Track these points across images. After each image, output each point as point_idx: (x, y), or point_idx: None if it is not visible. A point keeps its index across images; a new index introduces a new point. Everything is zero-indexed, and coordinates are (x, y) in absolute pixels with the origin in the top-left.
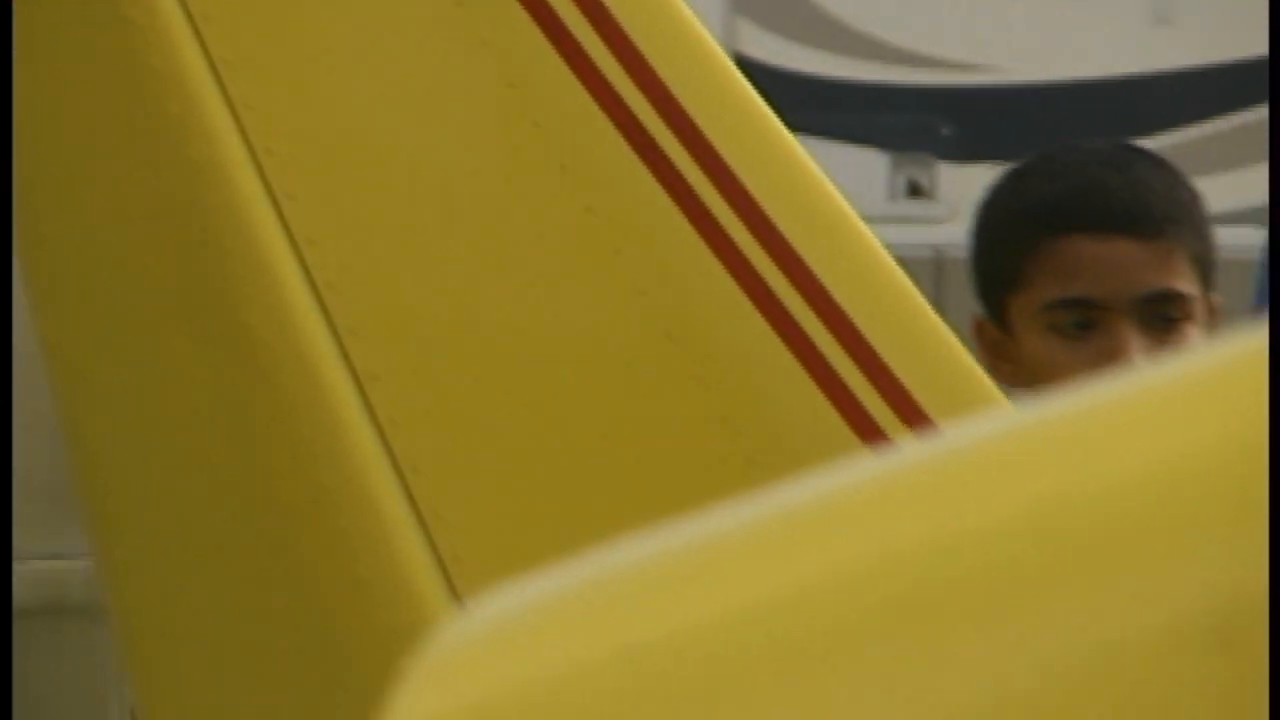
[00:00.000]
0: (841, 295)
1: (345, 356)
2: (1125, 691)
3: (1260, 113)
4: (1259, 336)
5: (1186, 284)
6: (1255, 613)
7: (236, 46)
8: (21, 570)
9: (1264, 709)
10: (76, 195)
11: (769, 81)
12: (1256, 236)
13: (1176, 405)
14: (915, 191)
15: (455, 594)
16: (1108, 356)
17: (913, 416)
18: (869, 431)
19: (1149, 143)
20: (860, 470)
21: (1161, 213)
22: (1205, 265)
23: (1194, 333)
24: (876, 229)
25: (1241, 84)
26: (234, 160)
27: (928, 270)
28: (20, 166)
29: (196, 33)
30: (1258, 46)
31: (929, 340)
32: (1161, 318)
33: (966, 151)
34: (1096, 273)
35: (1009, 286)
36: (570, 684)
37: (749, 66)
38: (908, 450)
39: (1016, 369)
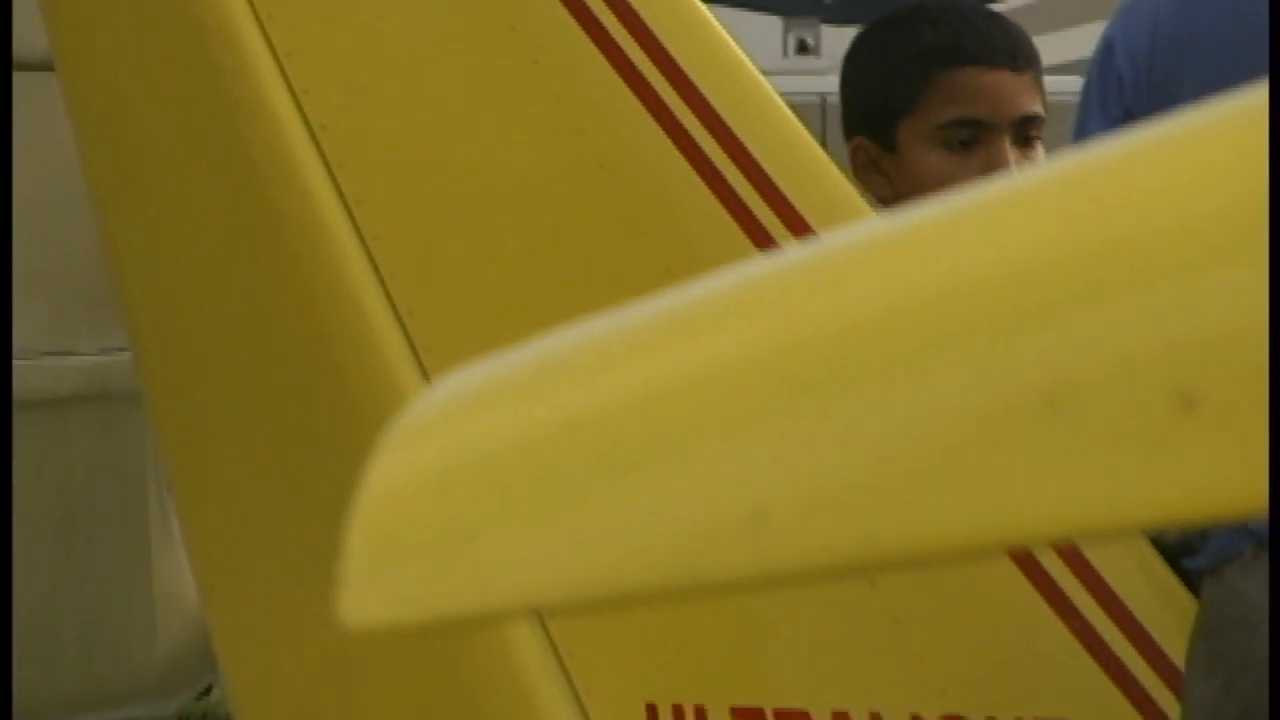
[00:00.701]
0: (741, 130)
1: (336, 184)
2: (973, 452)
3: None
4: (1086, 154)
5: (1042, 109)
6: (1083, 382)
7: None
8: (73, 363)
9: (1091, 467)
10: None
11: None
12: (1077, 84)
13: (1023, 211)
14: (803, 49)
15: (427, 377)
16: (989, 168)
17: (799, 228)
18: (763, 241)
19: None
20: (761, 267)
21: (1028, 51)
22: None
23: (1042, 151)
24: (771, 79)
25: None
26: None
27: (814, 113)
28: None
29: None
30: None
31: (813, 166)
32: (1027, 137)
33: (844, 16)
34: (983, 98)
35: (902, 112)
36: (522, 450)
37: None
38: (797, 251)
39: (890, 182)
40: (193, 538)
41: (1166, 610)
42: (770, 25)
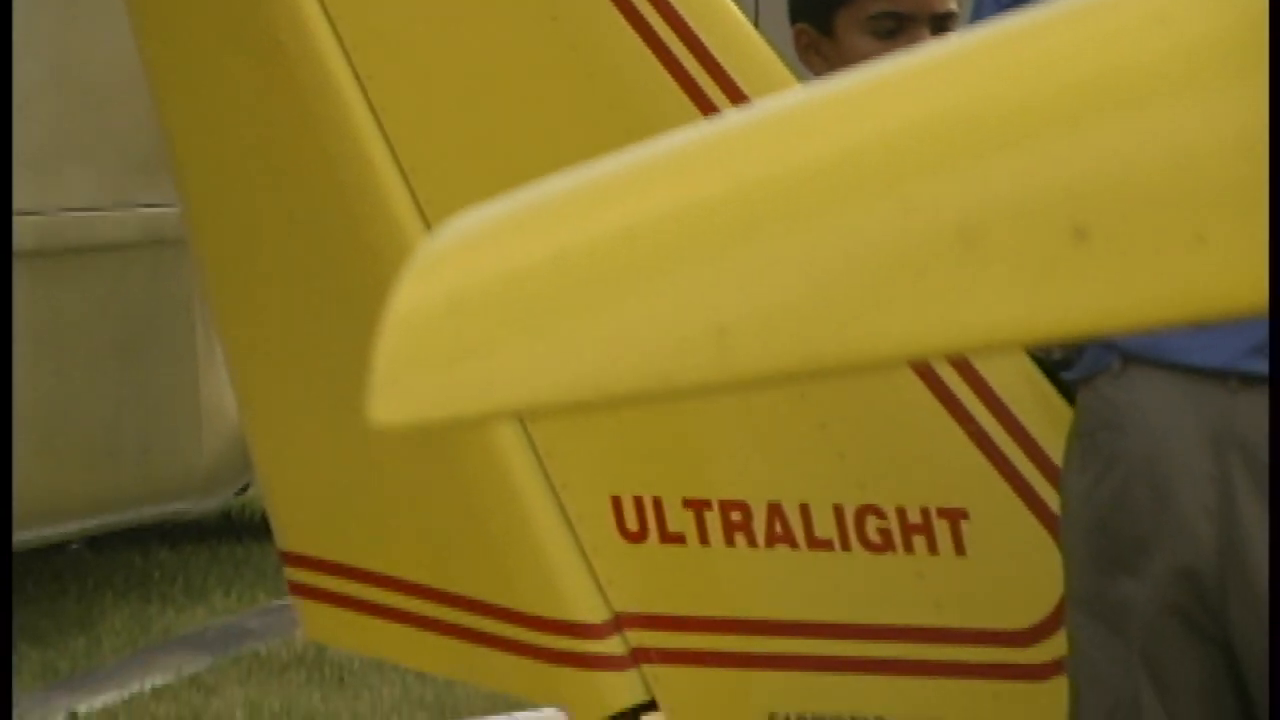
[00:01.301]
0: (691, 17)
1: (351, 64)
2: (899, 278)
3: None
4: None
5: (956, 6)
6: (992, 219)
7: None
8: (129, 214)
9: (1001, 299)
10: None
11: None
12: None
13: (941, 74)
14: None
15: (428, 224)
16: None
17: (737, 98)
18: (707, 108)
19: None
20: (716, 125)
21: None
22: None
23: None
24: None
25: None
26: None
27: (749, 3)
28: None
29: None
30: None
31: (750, 46)
32: (943, 28)
33: None
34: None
35: (840, 3)
36: (519, 277)
37: None
38: (744, 113)
39: (827, 63)
40: (233, 360)
41: (1047, 415)
42: None
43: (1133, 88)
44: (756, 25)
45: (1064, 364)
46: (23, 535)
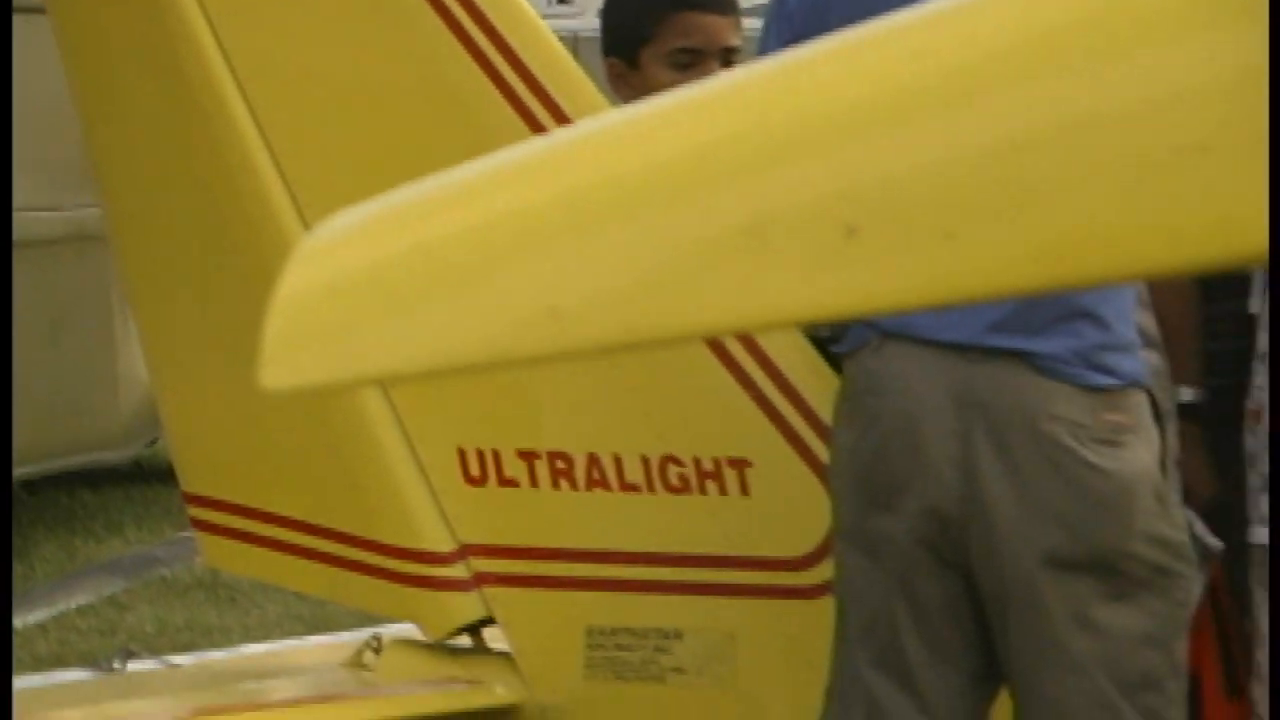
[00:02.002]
0: (524, 55)
1: (243, 91)
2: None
3: None
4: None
5: (739, 42)
6: (777, 217)
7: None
8: (57, 215)
9: (783, 286)
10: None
11: None
12: (758, 24)
13: (738, 99)
14: (563, 1)
15: (306, 224)
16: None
17: (560, 118)
18: (536, 126)
19: None
20: (546, 140)
21: (731, 1)
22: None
23: None
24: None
25: None
26: None
27: (568, 43)
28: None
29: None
30: None
31: (570, 75)
32: (729, 60)
33: None
34: (700, 33)
35: (644, 41)
36: (385, 264)
37: None
38: (570, 131)
39: (633, 91)
40: (144, 335)
41: (818, 382)
42: None
43: (894, 108)
44: (576, 58)
45: (831, 339)
46: None
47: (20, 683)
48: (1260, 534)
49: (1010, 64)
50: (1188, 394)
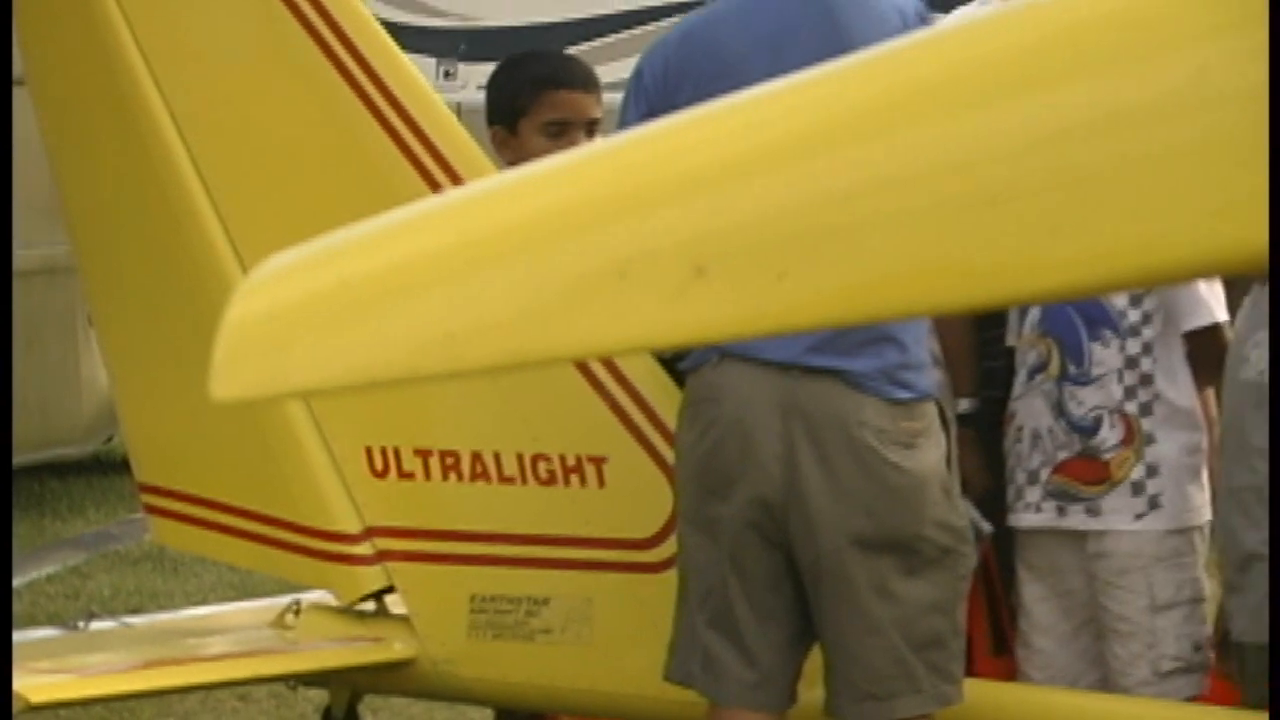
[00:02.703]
0: (421, 122)
1: (189, 150)
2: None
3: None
4: (629, 137)
5: (600, 114)
6: (638, 259)
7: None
8: (34, 251)
9: (643, 317)
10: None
11: (385, 28)
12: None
13: (601, 163)
14: (448, 75)
15: (243, 266)
16: (571, 147)
17: (452, 176)
18: (432, 183)
19: (577, 49)
20: (444, 197)
21: (594, 79)
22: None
23: (600, 137)
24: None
25: (622, 20)
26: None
27: (453, 112)
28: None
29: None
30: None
31: (458, 139)
32: (592, 130)
33: (472, 57)
34: (568, 107)
35: (522, 114)
36: (314, 296)
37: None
38: (463, 190)
39: (514, 154)
40: (104, 347)
41: (664, 393)
42: (430, 62)
43: (733, 169)
44: (460, 124)
45: (676, 357)
46: None
47: None
48: (1021, 519)
49: (826, 136)
50: (965, 404)
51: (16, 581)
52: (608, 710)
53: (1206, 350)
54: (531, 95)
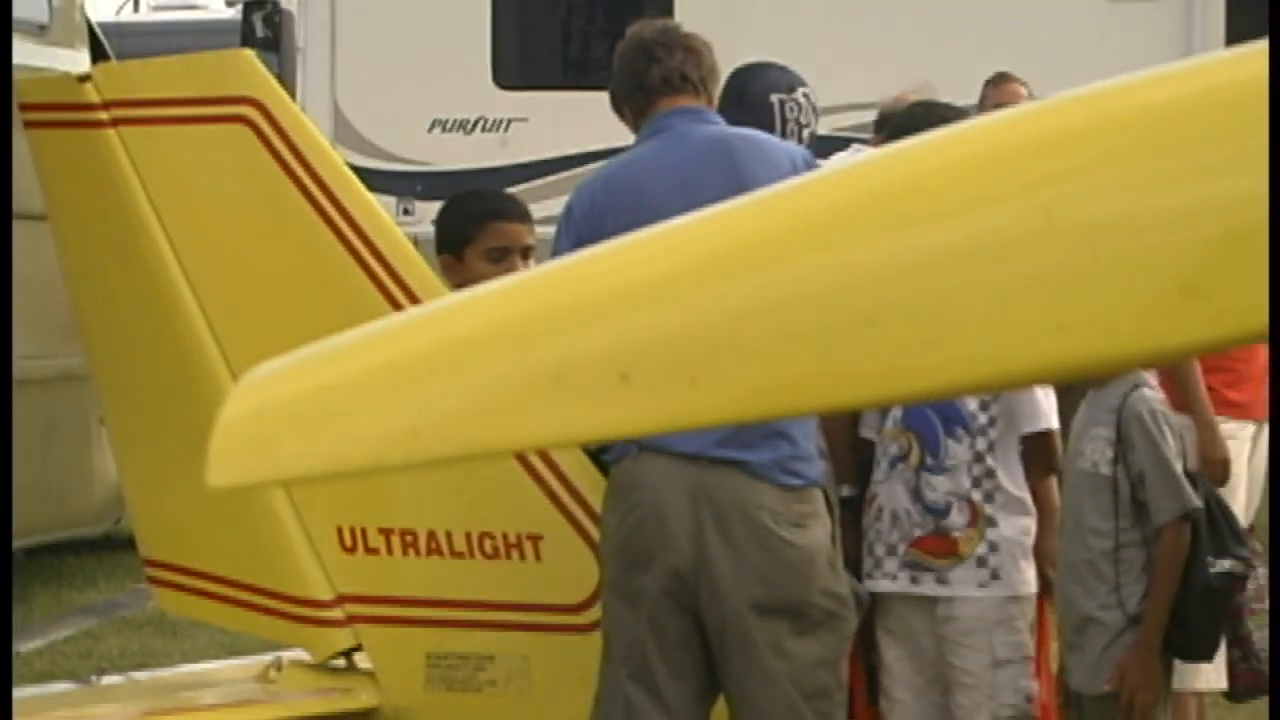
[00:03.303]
0: (384, 251)
1: (187, 275)
2: (514, 400)
3: (561, 175)
4: (564, 263)
5: (534, 242)
6: (571, 366)
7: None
8: (53, 361)
9: (573, 418)
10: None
11: (354, 172)
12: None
13: (542, 285)
14: (407, 211)
15: (233, 373)
16: (509, 271)
17: (410, 296)
18: (393, 302)
19: (515, 189)
20: (405, 315)
21: (528, 212)
22: None
23: (534, 262)
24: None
25: (553, 165)
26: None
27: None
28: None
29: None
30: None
31: (415, 265)
32: (526, 256)
33: (427, 196)
34: (507, 237)
35: (467, 243)
36: (296, 398)
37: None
38: (421, 309)
39: (461, 278)
40: (114, 442)
41: (591, 481)
42: (391, 201)
43: (652, 291)
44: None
45: (601, 450)
46: None
47: (20, 693)
48: (879, 585)
49: (729, 262)
50: (846, 490)
51: (38, 643)
52: None
53: (1039, 451)
54: (476, 227)
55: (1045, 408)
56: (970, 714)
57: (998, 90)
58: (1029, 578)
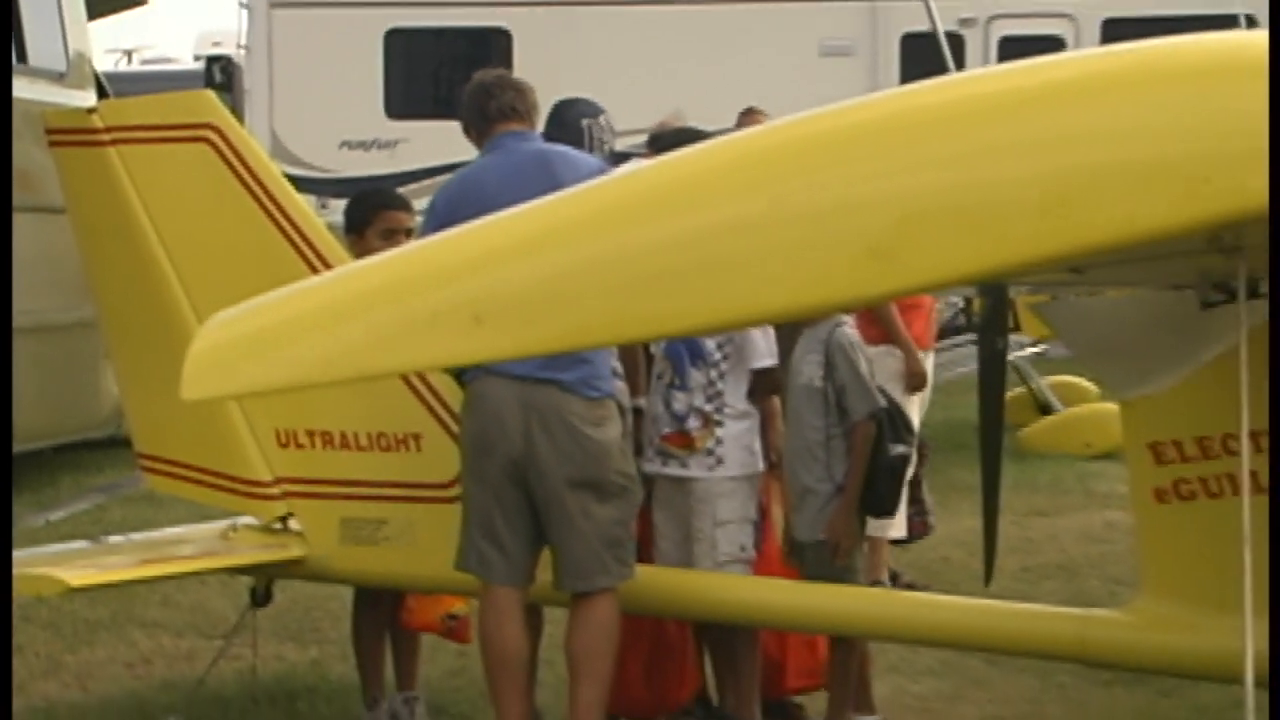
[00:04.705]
0: (309, 233)
1: (168, 252)
2: (428, 334)
3: (429, 180)
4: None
5: (414, 226)
6: (496, 303)
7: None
8: (72, 312)
9: (450, 346)
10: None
11: (288, 179)
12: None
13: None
14: (324, 206)
15: (199, 319)
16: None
17: (325, 264)
18: (314, 269)
19: (400, 189)
20: (331, 274)
21: (410, 205)
22: None
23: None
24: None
25: (424, 173)
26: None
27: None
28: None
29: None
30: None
31: (330, 243)
32: (409, 235)
33: (337, 195)
34: (396, 221)
35: (366, 225)
36: (259, 327)
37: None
38: (338, 269)
39: (361, 253)
40: (115, 371)
41: (455, 395)
42: (313, 198)
43: (492, 259)
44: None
45: (461, 372)
46: (28, 445)
47: (49, 549)
48: (646, 468)
49: (545, 238)
50: (639, 400)
51: (62, 514)
52: (424, 587)
53: (763, 380)
54: (372, 214)
55: (765, 349)
56: (700, 560)
57: (747, 118)
58: (748, 464)
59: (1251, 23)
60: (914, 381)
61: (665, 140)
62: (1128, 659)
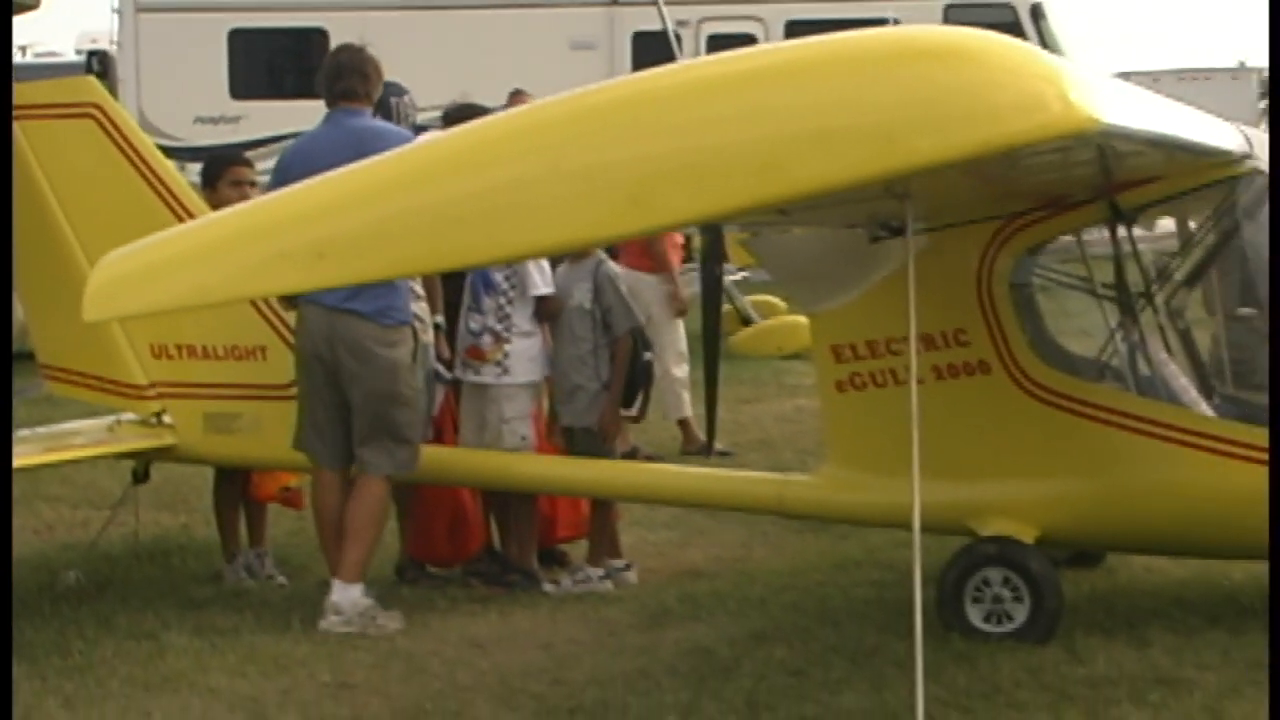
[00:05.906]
0: (174, 189)
1: (70, 221)
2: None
3: (272, 146)
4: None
5: (257, 182)
6: (334, 243)
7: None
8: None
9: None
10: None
11: (159, 149)
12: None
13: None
14: (182, 168)
15: (91, 262)
16: (245, 199)
17: (191, 217)
18: (180, 219)
19: (249, 154)
20: (205, 219)
21: (252, 164)
22: None
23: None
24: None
25: (269, 140)
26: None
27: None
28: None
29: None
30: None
31: (192, 198)
32: (253, 186)
33: (195, 160)
34: (241, 175)
35: (218, 179)
36: (150, 261)
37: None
38: (201, 219)
39: (216, 204)
40: (23, 296)
41: (291, 317)
42: (174, 163)
43: (325, 208)
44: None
45: (292, 300)
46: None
47: None
48: (456, 375)
49: (366, 192)
50: (439, 319)
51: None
52: (270, 465)
53: (543, 305)
54: (222, 170)
55: (540, 280)
56: (491, 445)
57: (515, 98)
58: (531, 373)
59: (897, 24)
60: (679, 305)
61: (455, 115)
62: (816, 512)
